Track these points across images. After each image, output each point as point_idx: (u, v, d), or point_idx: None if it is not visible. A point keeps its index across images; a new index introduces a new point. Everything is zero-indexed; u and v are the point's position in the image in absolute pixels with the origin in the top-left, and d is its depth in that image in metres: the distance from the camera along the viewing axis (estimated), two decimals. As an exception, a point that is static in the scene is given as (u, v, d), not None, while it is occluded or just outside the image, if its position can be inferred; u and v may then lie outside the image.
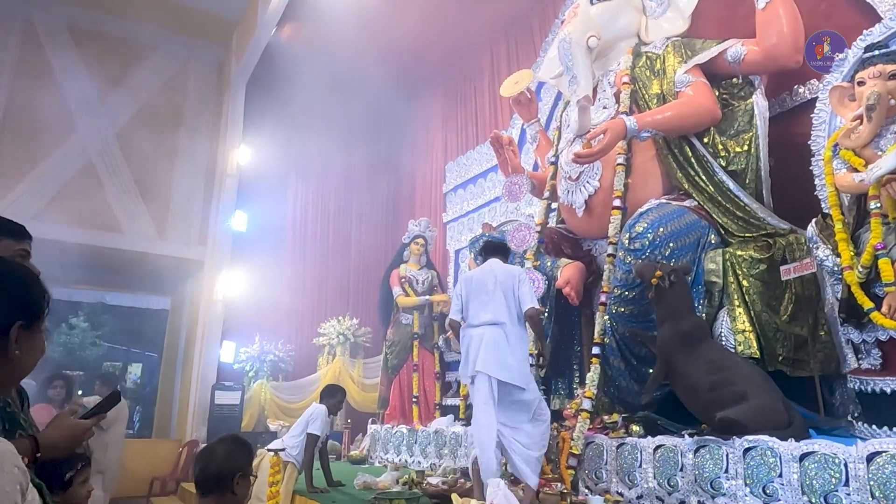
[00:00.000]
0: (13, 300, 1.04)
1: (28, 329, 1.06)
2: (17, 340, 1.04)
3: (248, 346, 8.42)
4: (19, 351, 1.04)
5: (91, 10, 8.48)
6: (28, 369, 1.10)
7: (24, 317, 1.05)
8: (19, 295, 1.06)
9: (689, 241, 3.82)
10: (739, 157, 4.17)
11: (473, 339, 3.44)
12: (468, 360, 3.42)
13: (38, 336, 1.10)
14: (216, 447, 1.98)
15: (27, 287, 1.08)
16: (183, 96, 9.07)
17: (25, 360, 1.06)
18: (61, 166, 8.08)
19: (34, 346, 1.08)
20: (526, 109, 5.85)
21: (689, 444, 3.09)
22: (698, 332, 3.35)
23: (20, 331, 1.04)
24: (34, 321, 1.08)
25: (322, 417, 4.48)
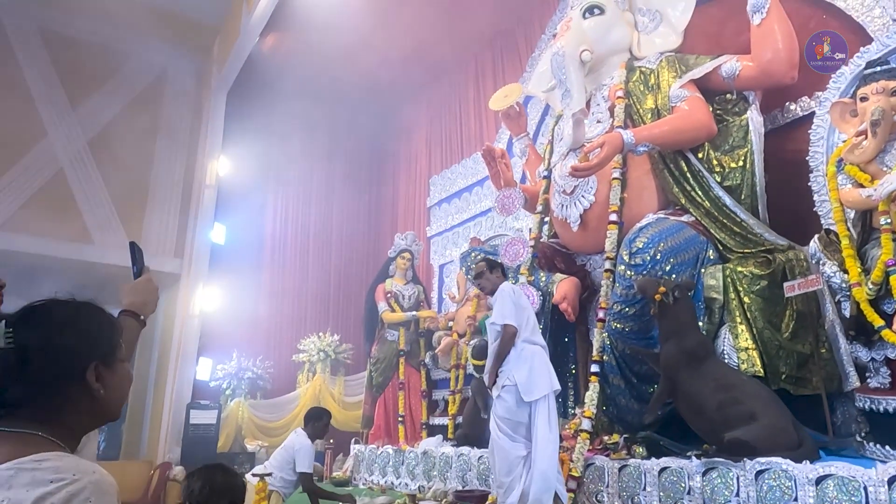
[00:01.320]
0: (83, 343, 1.01)
1: (107, 365, 1.03)
2: (99, 379, 1.02)
3: (226, 363, 8.13)
4: (104, 389, 1.02)
5: (64, 14, 8.20)
6: (119, 400, 1.09)
7: (99, 355, 1.02)
8: (88, 335, 1.02)
9: (689, 257, 3.76)
10: (735, 173, 4.15)
11: (540, 355, 3.48)
12: (537, 378, 3.38)
13: (121, 366, 1.08)
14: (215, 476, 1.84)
15: (94, 325, 1.05)
16: (160, 104, 8.81)
17: (113, 394, 1.05)
18: (29, 174, 7.74)
19: (118, 378, 1.06)
20: (515, 123, 5.80)
21: (697, 466, 2.99)
22: (703, 349, 3.27)
23: (99, 370, 1.02)
24: (111, 355, 1.05)
25: (307, 450, 4.26)
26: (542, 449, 3.29)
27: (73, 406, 0.99)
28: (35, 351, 0.95)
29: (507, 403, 3.41)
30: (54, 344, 0.97)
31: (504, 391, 3.43)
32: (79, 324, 1.02)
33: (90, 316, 1.05)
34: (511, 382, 3.40)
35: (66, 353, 0.98)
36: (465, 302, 6.24)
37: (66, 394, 0.98)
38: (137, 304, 1.51)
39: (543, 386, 3.40)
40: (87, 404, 1.01)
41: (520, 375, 3.41)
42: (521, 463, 3.35)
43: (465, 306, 6.15)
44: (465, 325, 5.90)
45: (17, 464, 0.84)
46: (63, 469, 0.88)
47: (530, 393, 3.38)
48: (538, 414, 3.37)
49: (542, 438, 3.32)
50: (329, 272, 9.85)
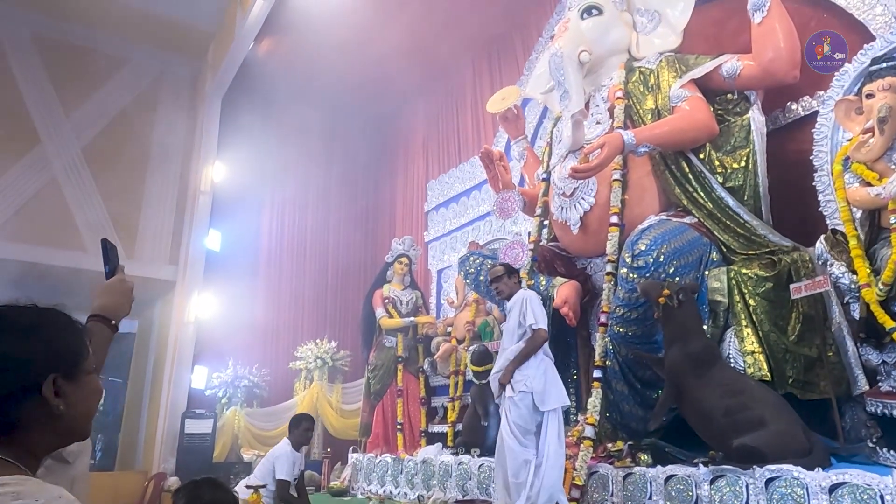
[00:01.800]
0: (39, 353, 0.91)
1: (69, 378, 0.93)
2: (59, 394, 0.91)
3: (221, 371, 8.02)
4: (65, 405, 0.92)
5: (58, 20, 8.14)
6: (85, 417, 0.98)
7: (59, 368, 0.92)
8: (47, 345, 0.92)
9: (692, 259, 3.69)
10: (737, 174, 4.09)
11: (553, 368, 3.49)
12: (551, 388, 3.37)
13: (87, 380, 0.98)
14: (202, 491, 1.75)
15: (54, 333, 0.95)
16: (155, 110, 8.74)
17: (76, 410, 0.94)
18: (22, 181, 7.66)
19: (83, 393, 0.96)
20: (513, 126, 5.73)
21: (705, 473, 2.90)
22: (709, 353, 3.19)
23: (59, 383, 0.91)
24: (74, 368, 0.95)
25: (286, 457, 4.22)
26: (552, 462, 3.24)
27: (31, 424, 0.90)
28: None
29: (520, 410, 3.35)
30: (4, 353, 0.88)
31: (519, 397, 3.36)
32: (36, 332, 0.93)
33: (51, 323, 0.96)
34: (527, 389, 3.34)
35: (20, 365, 0.89)
36: (463, 307, 6.15)
37: (20, 410, 0.89)
38: (109, 308, 1.40)
39: (556, 398, 3.38)
40: (46, 422, 0.91)
41: (537, 384, 3.37)
42: (527, 467, 3.28)
43: (464, 311, 6.06)
44: (463, 330, 5.81)
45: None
46: (25, 494, 0.79)
47: (545, 402, 3.34)
48: (550, 425, 3.33)
49: (553, 451, 3.27)
50: (326, 278, 9.76)
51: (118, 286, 1.44)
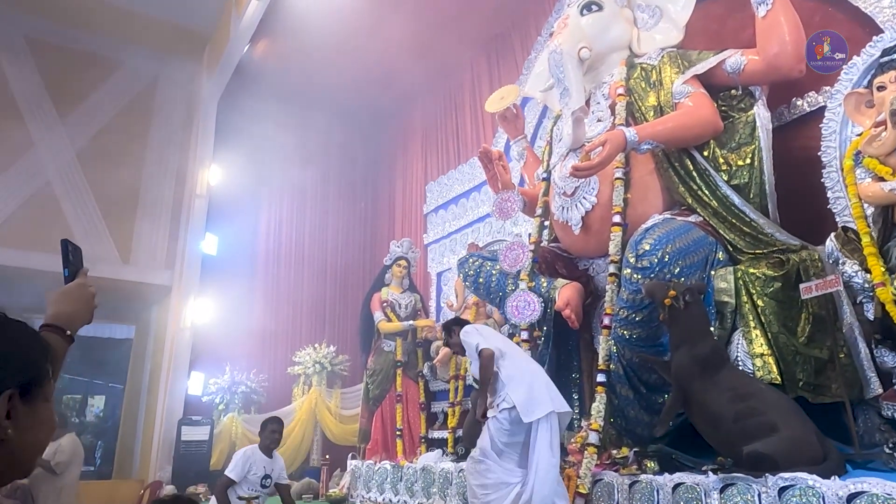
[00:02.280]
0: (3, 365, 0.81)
1: (26, 399, 0.82)
2: (11, 415, 0.79)
3: (218, 377, 7.90)
4: (13, 429, 0.80)
5: (52, 23, 8.05)
6: (32, 451, 0.86)
7: (16, 383, 0.81)
8: (7, 358, 0.82)
9: (698, 259, 3.58)
10: (742, 171, 3.97)
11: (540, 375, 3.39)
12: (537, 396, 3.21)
13: (43, 407, 0.86)
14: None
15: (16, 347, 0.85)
16: (150, 114, 8.65)
17: (25, 439, 0.82)
18: (16, 186, 7.57)
19: (37, 421, 0.85)
20: (512, 125, 5.62)
21: (714, 482, 2.78)
22: (717, 356, 3.07)
23: (14, 403, 0.80)
24: (34, 388, 0.84)
25: (239, 456, 4.10)
26: (543, 474, 3.07)
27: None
28: None
29: (501, 426, 3.20)
30: None
31: (502, 415, 3.21)
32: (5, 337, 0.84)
33: (17, 336, 0.86)
34: (509, 404, 3.19)
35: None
36: (463, 310, 6.04)
37: None
38: (64, 316, 1.22)
39: (544, 405, 3.20)
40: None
41: (517, 396, 3.20)
42: (511, 490, 3.14)
43: (464, 314, 5.95)
44: (464, 334, 5.69)
45: None
46: None
47: (530, 413, 3.15)
48: (539, 436, 3.15)
49: (543, 462, 3.10)
50: (325, 282, 9.65)
51: (76, 292, 1.29)
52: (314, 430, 7.87)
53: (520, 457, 3.21)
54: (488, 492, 3.15)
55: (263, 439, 4.23)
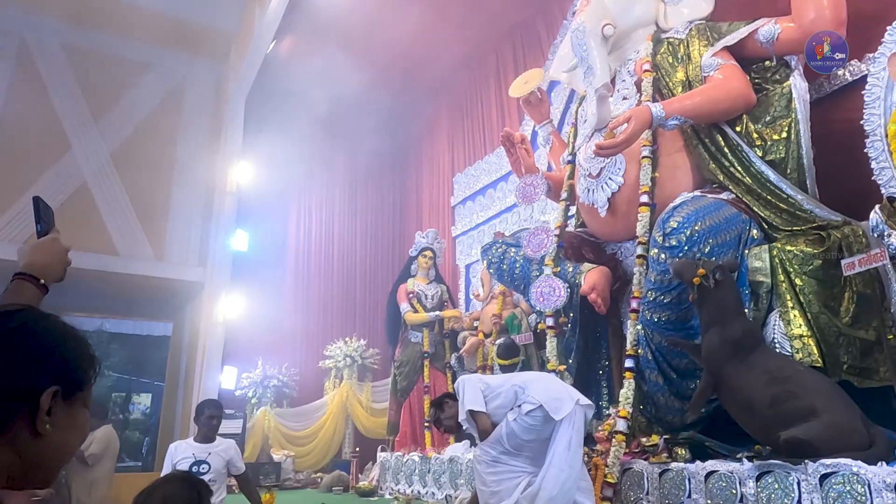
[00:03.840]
0: (49, 362, 0.83)
1: (67, 401, 0.85)
2: (52, 412, 0.81)
3: (251, 372, 8.00)
4: (52, 426, 0.81)
5: (85, 29, 8.27)
6: (63, 454, 0.87)
7: (63, 384, 0.84)
8: (57, 356, 0.85)
9: (730, 237, 3.40)
10: (778, 146, 3.76)
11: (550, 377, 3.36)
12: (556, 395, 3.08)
13: (80, 412, 0.88)
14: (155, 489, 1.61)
15: (70, 348, 0.87)
16: (180, 113, 8.80)
17: (60, 439, 0.85)
18: (54, 188, 7.79)
19: (73, 423, 0.87)
20: (537, 110, 5.48)
21: (749, 469, 2.63)
22: (750, 337, 2.90)
23: (56, 400, 0.82)
24: (75, 391, 0.86)
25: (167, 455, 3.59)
26: (555, 472, 2.93)
27: (11, 440, 0.79)
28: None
29: (525, 423, 3.05)
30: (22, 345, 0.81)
31: (527, 417, 3.06)
32: (53, 338, 0.86)
33: (65, 339, 0.88)
34: (534, 404, 3.06)
35: (28, 366, 0.80)
36: (490, 300, 5.94)
37: (10, 416, 0.79)
38: (38, 266, 1.23)
39: (567, 403, 3.08)
40: (25, 442, 0.80)
41: (540, 394, 3.09)
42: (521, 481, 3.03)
43: (490, 304, 5.85)
44: (490, 324, 5.61)
45: None
46: None
47: (558, 410, 3.02)
48: (560, 433, 3.02)
49: (558, 459, 2.96)
50: (354, 276, 9.68)
51: (50, 245, 1.29)
52: (346, 423, 7.89)
53: (536, 454, 3.08)
54: (498, 478, 3.04)
55: (200, 427, 3.67)
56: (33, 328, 0.84)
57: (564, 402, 3.07)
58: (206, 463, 3.57)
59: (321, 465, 7.62)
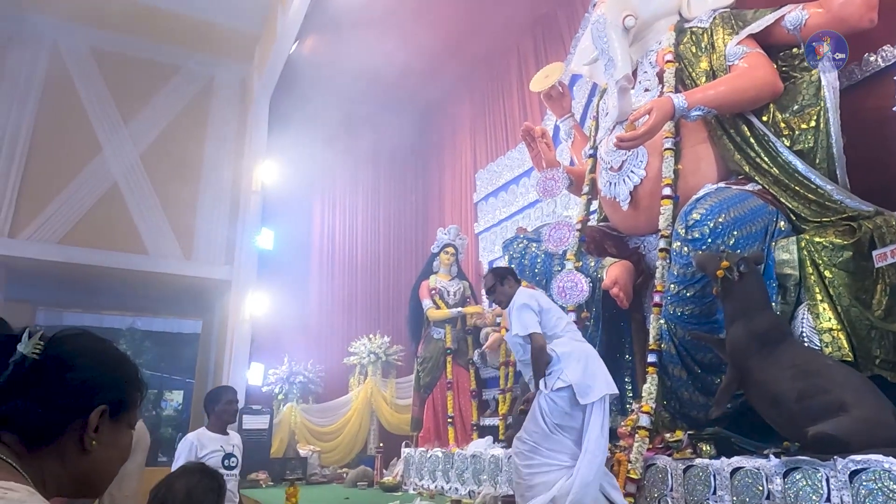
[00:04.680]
0: (100, 383, 0.89)
1: (114, 420, 0.91)
2: (98, 430, 0.87)
3: (277, 368, 8.11)
4: (98, 443, 0.88)
5: (114, 33, 8.49)
6: (107, 472, 0.92)
7: (110, 404, 0.90)
8: (108, 378, 0.91)
9: (756, 229, 3.32)
10: (806, 135, 3.66)
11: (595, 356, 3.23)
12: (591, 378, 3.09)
13: (124, 432, 0.94)
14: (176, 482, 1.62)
15: (120, 371, 0.94)
16: (206, 115, 8.98)
17: (105, 456, 0.90)
18: (87, 189, 8.02)
19: (118, 442, 0.92)
20: (558, 104, 5.42)
21: (776, 465, 2.56)
22: (776, 330, 2.83)
23: (103, 419, 0.88)
24: (121, 411, 0.92)
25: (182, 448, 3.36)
26: (590, 457, 2.95)
27: (60, 450, 0.86)
28: (56, 368, 0.85)
29: (555, 404, 3.05)
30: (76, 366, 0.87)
31: (555, 394, 3.06)
32: (106, 361, 0.93)
33: (116, 361, 0.95)
34: (564, 383, 3.06)
35: (83, 385, 0.87)
36: (512, 296, 5.90)
37: (60, 430, 0.85)
38: None
39: (600, 387, 3.09)
40: (72, 456, 0.87)
41: (573, 374, 3.07)
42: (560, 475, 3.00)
43: (513, 300, 5.81)
44: (513, 320, 5.57)
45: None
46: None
47: (587, 395, 3.03)
48: (592, 419, 3.04)
49: (593, 445, 2.98)
50: (377, 273, 9.75)
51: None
52: (371, 419, 7.95)
53: (573, 442, 3.06)
54: (534, 472, 3.02)
55: (217, 415, 3.44)
56: (88, 351, 0.90)
57: (595, 388, 3.07)
58: (234, 456, 3.44)
59: (347, 461, 7.70)
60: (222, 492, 1.81)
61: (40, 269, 7.77)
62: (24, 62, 8.04)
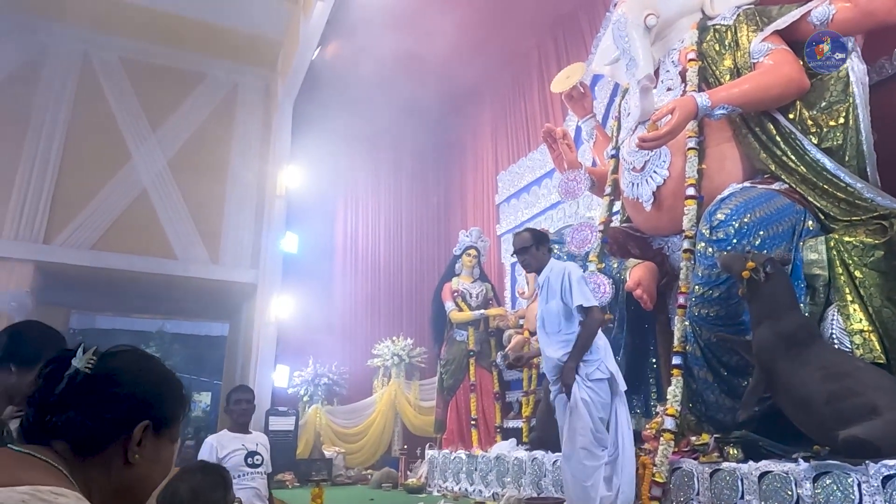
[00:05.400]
0: (145, 399, 0.93)
1: (156, 435, 0.94)
2: (141, 444, 0.91)
3: (302, 370, 8.20)
4: (141, 456, 0.91)
5: (142, 42, 8.70)
6: (147, 485, 0.95)
7: (154, 419, 0.93)
8: (152, 394, 0.95)
9: (783, 229, 3.27)
10: (835, 132, 3.59)
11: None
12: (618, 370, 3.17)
13: (166, 447, 0.96)
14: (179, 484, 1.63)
15: (164, 388, 0.98)
16: (231, 121, 9.14)
17: (146, 470, 0.93)
18: (117, 195, 8.23)
19: (159, 457, 0.95)
20: (579, 105, 5.40)
21: (805, 470, 2.52)
22: (805, 332, 2.78)
23: (146, 433, 0.91)
24: (164, 427, 0.95)
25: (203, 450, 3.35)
26: (629, 451, 3.02)
27: (106, 462, 0.89)
28: (105, 383, 0.90)
29: (602, 399, 3.06)
30: (123, 382, 0.91)
31: (596, 385, 3.06)
32: (151, 378, 0.96)
33: (166, 378, 0.99)
34: (604, 374, 3.08)
35: (128, 399, 0.91)
36: (535, 297, 5.88)
37: (107, 442, 0.89)
38: None
39: (622, 380, 3.17)
40: (117, 468, 0.90)
41: (613, 365, 3.13)
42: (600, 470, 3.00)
43: (536, 302, 5.80)
44: (536, 321, 5.55)
45: (34, 489, 0.74)
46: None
47: (622, 384, 3.14)
48: (620, 410, 3.09)
49: (628, 439, 3.05)
50: (400, 275, 9.80)
51: None
52: (395, 421, 7.99)
53: (604, 435, 3.08)
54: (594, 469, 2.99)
55: (231, 414, 3.46)
56: (135, 367, 0.94)
57: (621, 380, 3.15)
58: (258, 454, 3.39)
59: (371, 462, 7.75)
60: (228, 483, 1.81)
61: (73, 274, 7.99)
62: (57, 73, 8.29)
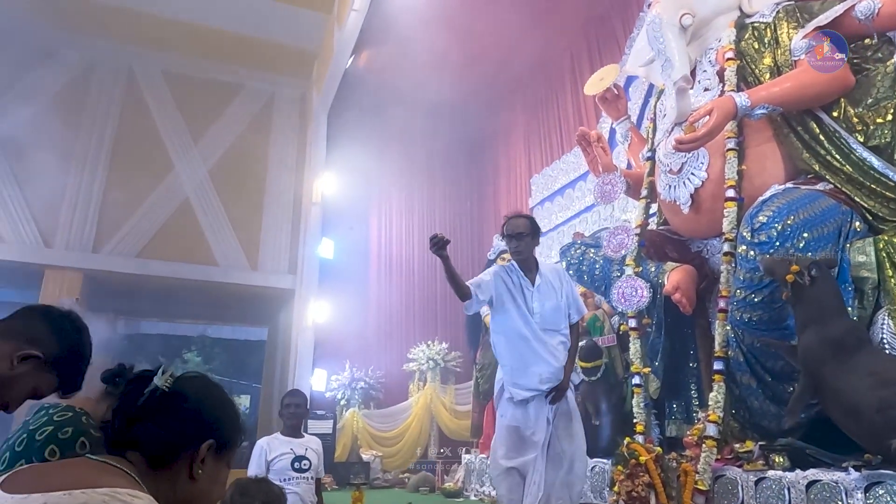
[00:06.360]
0: (211, 421, 1.01)
1: (218, 455, 1.02)
2: (205, 461, 0.99)
3: (339, 374, 8.32)
4: (203, 472, 0.99)
5: (182, 56, 9.00)
6: (207, 502, 1.03)
7: (217, 439, 1.01)
8: (217, 417, 1.03)
9: (829, 230, 3.17)
10: (882, 129, 3.46)
11: None
12: None
13: (223, 469, 1.04)
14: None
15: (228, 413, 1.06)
16: (269, 130, 9.37)
17: (206, 487, 1.00)
18: (161, 205, 8.52)
19: (217, 476, 1.03)
20: (613, 107, 5.34)
21: (856, 479, 2.44)
22: (853, 337, 2.70)
23: (210, 452, 0.99)
24: (224, 449, 1.03)
25: (254, 453, 3.37)
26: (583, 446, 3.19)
27: (173, 475, 0.97)
28: (179, 400, 0.97)
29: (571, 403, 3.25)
30: (194, 401, 0.99)
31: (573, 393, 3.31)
32: (217, 403, 1.05)
33: (229, 404, 1.07)
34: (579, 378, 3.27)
35: (197, 417, 0.99)
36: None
37: (176, 455, 0.97)
38: None
39: None
40: (182, 482, 0.98)
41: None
42: None
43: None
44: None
45: (113, 491, 0.81)
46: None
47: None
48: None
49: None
50: (435, 280, 9.85)
51: None
52: (430, 425, 8.03)
53: None
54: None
55: (283, 419, 3.49)
56: (205, 390, 1.03)
57: None
58: (306, 459, 3.35)
59: (407, 466, 7.81)
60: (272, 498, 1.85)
61: (120, 281, 8.29)
62: (104, 88, 8.63)
